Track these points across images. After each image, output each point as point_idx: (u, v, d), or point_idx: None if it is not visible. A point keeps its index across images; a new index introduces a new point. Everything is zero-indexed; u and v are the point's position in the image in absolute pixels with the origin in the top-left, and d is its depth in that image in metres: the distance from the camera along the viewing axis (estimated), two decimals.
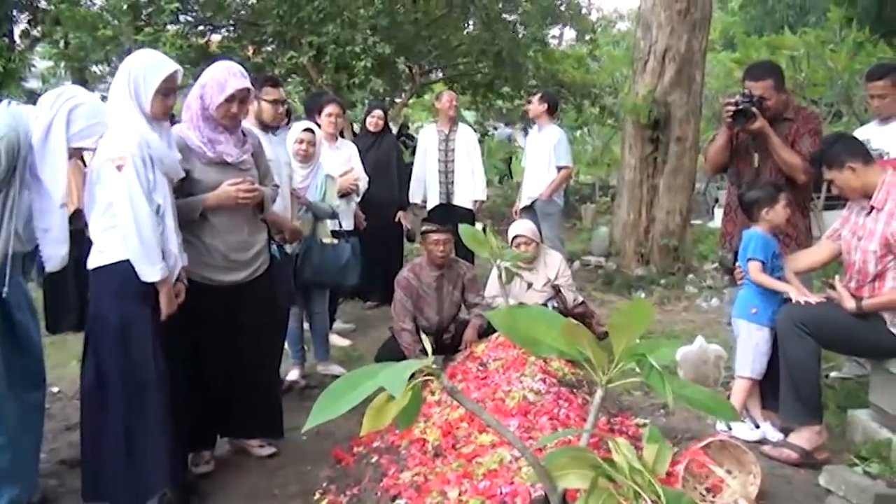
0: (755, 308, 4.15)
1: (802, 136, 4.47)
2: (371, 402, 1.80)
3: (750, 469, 3.39)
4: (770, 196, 4.19)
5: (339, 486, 3.59)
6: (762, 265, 4.12)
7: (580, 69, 14.44)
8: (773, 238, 4.20)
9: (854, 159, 3.88)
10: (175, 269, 3.39)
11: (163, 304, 3.33)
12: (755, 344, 4.13)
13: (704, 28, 8.41)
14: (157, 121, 3.38)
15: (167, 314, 3.35)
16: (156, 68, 3.35)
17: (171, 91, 3.40)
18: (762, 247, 4.14)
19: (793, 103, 4.75)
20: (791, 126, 4.51)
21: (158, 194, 3.31)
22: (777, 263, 4.18)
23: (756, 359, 4.13)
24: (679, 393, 1.83)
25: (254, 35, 11.79)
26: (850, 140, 4.04)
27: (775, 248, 4.19)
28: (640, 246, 8.61)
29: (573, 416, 3.67)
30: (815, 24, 12.11)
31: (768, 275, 4.12)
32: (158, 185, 3.32)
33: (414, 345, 4.95)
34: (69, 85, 3.98)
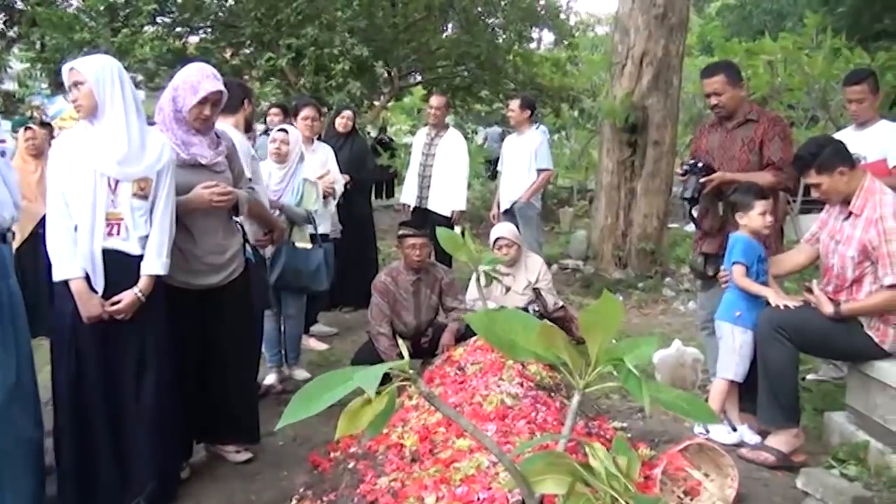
0: (739, 311, 4.15)
1: (772, 140, 4.45)
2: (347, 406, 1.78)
3: (727, 472, 3.39)
4: (746, 202, 4.19)
5: (315, 491, 3.56)
6: (746, 269, 4.12)
7: (558, 73, 14.48)
8: (758, 242, 4.19)
9: (844, 163, 3.88)
10: (89, 271, 3.29)
11: (79, 305, 3.28)
12: (738, 347, 4.13)
13: (681, 33, 8.44)
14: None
15: (86, 317, 3.28)
16: None
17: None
18: (745, 250, 4.14)
19: (755, 106, 4.75)
20: (756, 128, 4.50)
21: (72, 192, 3.28)
22: (762, 268, 4.17)
23: (739, 361, 4.13)
24: (656, 396, 1.81)
25: (232, 37, 11.76)
26: (839, 143, 4.04)
27: (761, 252, 4.18)
28: (617, 249, 8.63)
29: (551, 419, 3.65)
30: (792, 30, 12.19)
31: (753, 279, 4.12)
32: (74, 183, 3.29)
33: (391, 349, 4.93)
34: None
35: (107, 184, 3.28)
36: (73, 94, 3.33)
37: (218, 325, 3.86)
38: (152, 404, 3.44)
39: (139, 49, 10.15)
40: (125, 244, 3.34)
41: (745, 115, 4.56)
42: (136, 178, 3.32)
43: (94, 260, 3.28)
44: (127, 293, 3.32)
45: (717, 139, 4.64)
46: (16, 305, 3.44)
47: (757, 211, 4.15)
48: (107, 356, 3.37)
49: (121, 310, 3.32)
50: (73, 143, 3.32)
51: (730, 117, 4.59)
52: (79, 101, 3.31)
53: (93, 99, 3.29)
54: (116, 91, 3.32)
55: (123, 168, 3.29)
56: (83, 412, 3.36)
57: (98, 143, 3.28)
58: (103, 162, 3.26)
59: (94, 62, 3.36)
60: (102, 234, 3.28)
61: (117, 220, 3.31)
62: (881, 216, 3.74)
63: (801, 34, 10.17)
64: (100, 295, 3.29)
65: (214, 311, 3.82)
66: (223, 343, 3.90)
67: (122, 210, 3.32)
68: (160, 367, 3.47)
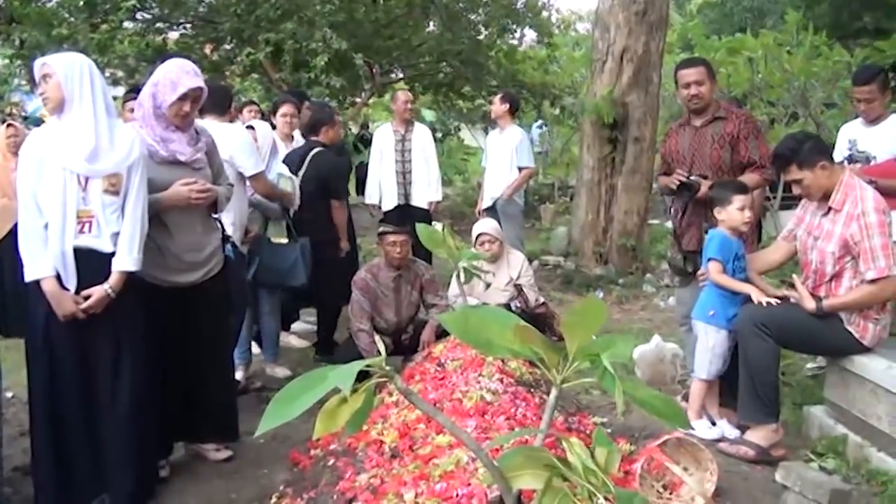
0: (713, 310, 4.16)
1: (748, 139, 4.45)
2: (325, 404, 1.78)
3: (707, 466, 3.40)
4: (723, 197, 4.18)
5: (295, 489, 3.56)
6: (722, 266, 4.12)
7: (539, 70, 14.49)
8: (735, 239, 4.18)
9: (825, 157, 3.89)
10: (59, 269, 3.27)
11: (52, 304, 3.26)
12: (712, 346, 4.15)
13: (662, 30, 8.47)
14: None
15: (61, 315, 3.26)
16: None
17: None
18: (721, 247, 4.13)
19: (722, 103, 4.74)
20: (726, 125, 4.50)
21: (42, 190, 3.26)
22: (739, 265, 4.16)
23: (713, 360, 4.14)
24: (632, 395, 1.82)
25: (211, 33, 11.69)
26: (817, 138, 4.05)
27: (738, 249, 4.17)
28: (598, 246, 8.65)
29: (530, 415, 3.66)
30: (773, 28, 12.24)
31: (729, 276, 4.12)
32: (44, 180, 3.26)
33: (371, 346, 4.92)
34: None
35: (76, 181, 3.24)
36: (41, 87, 3.32)
37: (196, 323, 3.84)
38: (128, 403, 3.41)
39: (119, 45, 10.07)
40: (97, 241, 3.31)
41: (713, 112, 4.56)
42: (105, 175, 3.29)
43: (65, 258, 3.25)
44: (96, 289, 3.29)
45: (686, 138, 4.63)
46: None
47: (735, 206, 4.13)
48: (81, 355, 3.34)
49: (91, 306, 3.28)
50: (41, 140, 3.30)
51: (699, 114, 4.59)
52: (46, 93, 3.30)
53: (60, 92, 3.27)
54: (85, 86, 3.29)
55: (92, 164, 3.26)
56: (58, 411, 3.34)
57: (65, 140, 3.26)
58: (71, 159, 3.23)
59: (64, 57, 3.35)
60: (74, 232, 3.25)
61: (88, 218, 3.28)
62: (863, 211, 3.76)
63: (781, 31, 10.23)
64: (72, 293, 3.27)
65: (193, 309, 3.80)
66: (202, 341, 3.88)
67: (94, 207, 3.29)
68: (136, 365, 3.44)
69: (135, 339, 3.46)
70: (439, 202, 7.83)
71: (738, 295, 4.11)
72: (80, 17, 10.49)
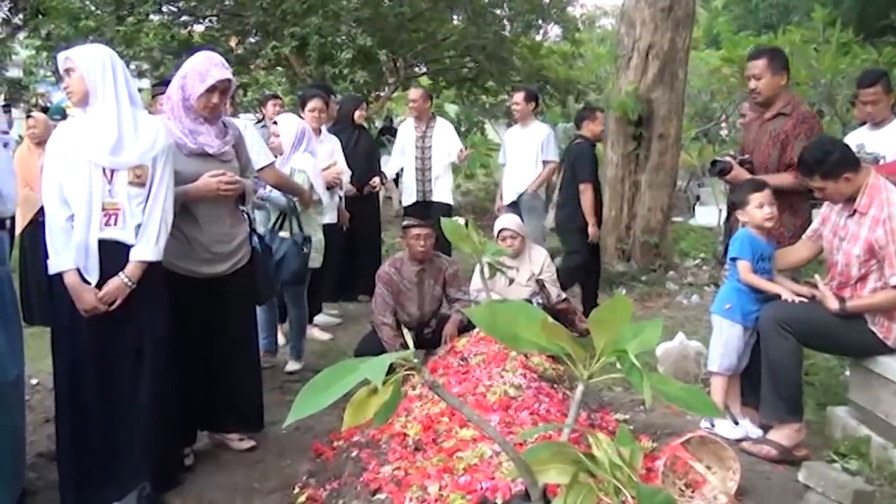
0: (729, 304, 4.15)
1: (797, 139, 4.38)
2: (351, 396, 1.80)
3: (729, 465, 3.39)
4: (741, 199, 4.15)
5: (318, 479, 3.58)
6: (751, 265, 4.07)
7: (564, 65, 14.45)
8: (762, 239, 4.13)
9: (850, 168, 3.83)
10: (81, 261, 3.28)
11: (73, 298, 3.27)
12: (726, 340, 4.13)
13: (688, 26, 8.41)
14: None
15: (82, 310, 3.27)
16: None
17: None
18: (744, 246, 4.09)
19: (794, 100, 4.65)
20: (785, 123, 4.45)
21: (68, 183, 3.26)
22: (764, 266, 4.12)
23: (725, 354, 4.12)
24: (658, 389, 1.82)
25: (237, 26, 11.74)
26: (844, 147, 3.99)
27: (764, 249, 4.12)
28: (621, 242, 8.61)
29: (554, 411, 3.67)
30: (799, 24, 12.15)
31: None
32: (69, 173, 3.27)
33: (394, 339, 4.94)
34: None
35: (101, 173, 3.25)
36: (65, 80, 3.34)
37: (222, 314, 3.88)
38: (151, 393, 3.44)
39: (145, 38, 10.14)
40: (122, 233, 3.31)
41: (780, 108, 4.50)
42: (131, 166, 3.30)
43: (88, 251, 3.26)
44: (113, 280, 3.29)
45: (754, 130, 4.63)
46: (14, 294, 3.46)
47: (753, 205, 4.10)
48: (105, 346, 3.36)
49: (107, 294, 3.29)
50: (67, 133, 3.31)
51: (767, 108, 4.55)
52: (70, 87, 3.32)
53: (84, 85, 3.28)
54: (108, 78, 3.30)
55: (116, 157, 3.27)
56: (82, 400, 3.37)
57: (90, 133, 3.27)
58: (95, 151, 3.24)
59: (86, 50, 3.36)
60: (99, 225, 3.26)
61: (115, 210, 3.29)
62: (889, 216, 3.72)
63: (808, 28, 10.15)
64: (94, 286, 3.28)
65: (219, 300, 3.84)
66: (227, 332, 3.92)
67: (120, 199, 3.29)
68: (159, 355, 3.46)
69: (158, 330, 3.48)
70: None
71: (760, 293, 4.09)
72: (106, 9, 10.57)
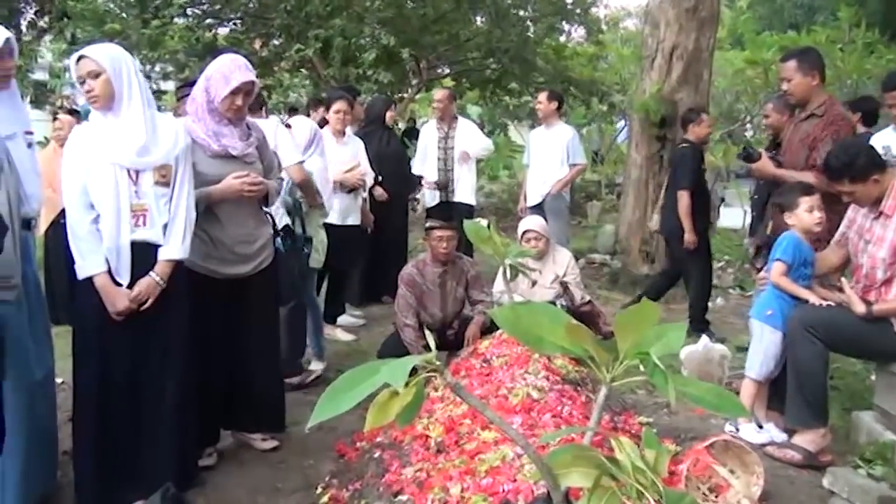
0: (771, 310, 4.09)
1: (823, 142, 4.38)
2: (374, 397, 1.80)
3: (753, 469, 3.37)
4: (790, 201, 4.11)
5: (341, 480, 3.59)
6: (787, 268, 4.04)
7: (588, 66, 14.42)
8: (808, 244, 4.09)
9: (878, 170, 3.81)
10: (112, 262, 3.28)
11: (104, 301, 3.27)
12: (766, 346, 4.09)
13: (712, 26, 8.36)
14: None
15: (113, 312, 3.27)
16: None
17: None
18: (789, 249, 4.04)
19: (829, 101, 4.61)
20: (816, 124, 4.45)
21: (93, 186, 3.24)
22: (804, 272, 4.07)
23: (764, 361, 4.09)
24: (683, 390, 1.81)
25: (261, 28, 11.80)
26: (870, 149, 3.96)
27: (808, 254, 4.07)
28: (645, 244, 8.56)
29: (577, 413, 3.65)
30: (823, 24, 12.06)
31: (792, 280, 4.04)
32: (94, 177, 3.25)
33: (417, 341, 4.94)
34: None
35: (128, 175, 3.25)
36: (88, 84, 3.25)
37: (245, 315, 3.90)
38: (175, 393, 3.46)
39: (169, 41, 10.21)
40: (151, 233, 3.32)
41: (813, 109, 4.51)
42: (156, 166, 3.32)
43: (120, 253, 3.26)
44: (143, 280, 3.30)
45: (791, 129, 4.67)
46: (40, 294, 3.49)
47: (803, 208, 4.06)
48: (133, 346, 3.37)
49: (139, 294, 3.30)
50: (86, 136, 3.29)
51: (802, 108, 4.57)
52: (95, 91, 3.25)
53: (110, 88, 3.25)
54: (133, 79, 3.30)
55: (143, 158, 3.28)
56: (106, 401, 3.36)
57: (115, 135, 3.26)
58: (120, 153, 3.24)
59: (107, 51, 3.32)
60: (129, 227, 3.27)
61: (142, 211, 3.29)
62: None
63: (833, 28, 10.07)
64: (125, 287, 3.29)
65: (243, 301, 3.86)
66: (250, 333, 3.94)
67: (147, 200, 3.30)
68: (183, 356, 3.49)
69: (182, 331, 3.50)
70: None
71: (797, 298, 4.03)
72: (131, 12, 10.66)
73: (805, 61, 4.55)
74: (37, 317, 3.39)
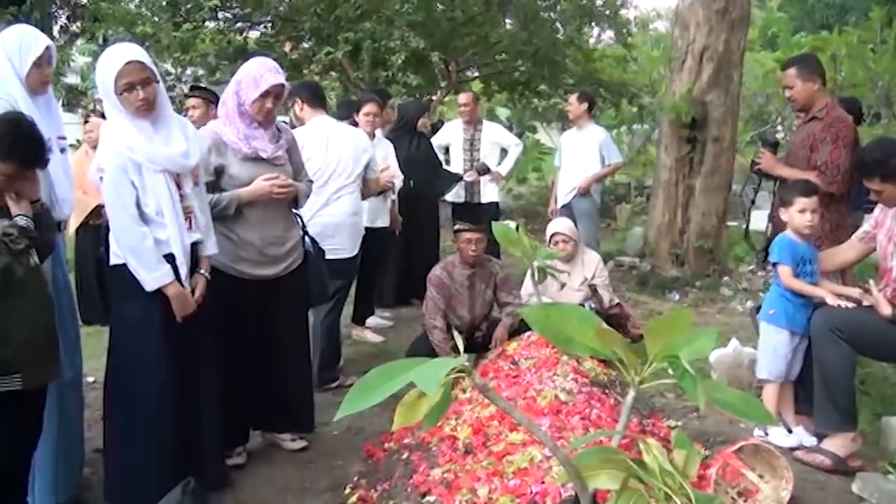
0: (773, 309, 4.10)
1: (822, 143, 4.43)
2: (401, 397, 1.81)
3: (782, 474, 3.35)
4: (788, 198, 4.10)
5: (369, 481, 3.61)
6: (791, 269, 4.02)
7: (618, 68, 14.37)
8: (804, 243, 4.08)
9: None
10: (180, 267, 3.30)
11: (174, 307, 3.28)
12: (772, 346, 4.08)
13: (743, 27, 8.31)
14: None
15: (181, 316, 3.30)
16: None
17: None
18: (784, 250, 4.05)
19: (830, 104, 4.63)
20: (815, 126, 4.50)
21: (150, 196, 3.21)
22: (808, 269, 4.06)
23: (773, 361, 4.07)
24: (711, 395, 1.81)
25: (291, 32, 11.85)
26: None
27: (804, 253, 4.06)
28: (674, 247, 8.52)
29: (605, 416, 3.65)
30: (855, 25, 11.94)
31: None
32: (148, 187, 3.21)
33: (445, 342, 4.95)
34: None
35: (174, 181, 3.28)
36: (139, 92, 3.15)
37: (275, 316, 3.93)
38: (213, 392, 3.53)
39: (200, 44, 10.28)
40: (197, 234, 3.39)
41: (815, 112, 4.55)
42: (192, 169, 3.37)
43: (185, 257, 3.30)
44: (199, 277, 3.40)
45: (797, 133, 4.68)
46: (71, 296, 3.53)
47: (797, 207, 4.03)
48: (184, 349, 3.39)
49: (202, 294, 3.39)
50: (130, 148, 3.19)
51: (805, 112, 4.63)
52: (148, 97, 3.18)
53: (158, 95, 3.24)
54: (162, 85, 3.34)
55: (186, 161, 3.32)
56: (148, 400, 3.37)
57: (161, 142, 3.26)
58: (171, 160, 3.26)
59: (145, 54, 3.26)
60: (187, 231, 3.32)
61: (189, 213, 3.34)
62: None
63: (865, 29, 9.97)
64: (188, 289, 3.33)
65: (272, 302, 3.89)
66: (280, 333, 3.97)
67: (190, 202, 3.35)
68: (216, 356, 3.55)
69: (216, 330, 3.56)
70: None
71: (806, 298, 4.02)
72: (162, 15, 10.75)
73: (804, 68, 4.62)
74: (66, 318, 3.43)
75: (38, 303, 2.86)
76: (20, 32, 3.30)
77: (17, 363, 2.74)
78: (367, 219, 5.91)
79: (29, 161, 2.79)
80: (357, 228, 5.22)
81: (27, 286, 2.75)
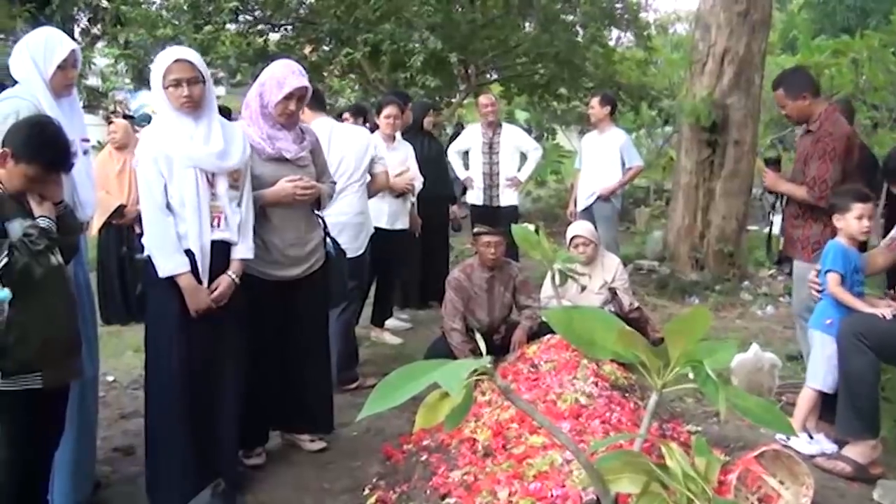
0: (830, 319, 4.02)
1: (812, 158, 4.48)
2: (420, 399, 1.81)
3: (803, 480, 3.33)
4: (843, 205, 4.04)
5: (388, 482, 3.61)
6: (840, 278, 3.97)
7: (637, 71, 14.33)
8: (854, 251, 4.03)
9: None
10: (199, 263, 3.34)
11: (187, 300, 3.32)
12: (828, 356, 4.00)
13: (764, 30, 8.28)
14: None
15: (194, 310, 3.34)
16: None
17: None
18: (839, 258, 3.98)
19: (822, 116, 4.58)
20: (808, 140, 4.56)
21: (175, 188, 3.29)
22: (857, 278, 4.01)
23: (829, 371, 4.00)
24: (733, 402, 1.80)
25: (311, 34, 11.90)
26: None
27: (857, 261, 4.02)
28: (694, 251, 8.49)
29: (625, 420, 3.64)
30: (876, 28, 11.86)
31: (846, 289, 3.97)
32: (176, 179, 3.29)
33: (463, 345, 4.96)
34: None
35: (206, 179, 3.34)
36: (186, 89, 3.28)
37: (296, 317, 3.94)
38: (237, 392, 3.55)
39: (221, 46, 10.35)
40: (226, 234, 3.42)
41: (810, 125, 4.59)
42: (230, 171, 3.41)
43: (203, 253, 3.34)
44: (223, 278, 3.41)
45: (797, 146, 4.71)
46: (91, 296, 3.56)
47: (854, 214, 3.99)
48: (204, 345, 3.42)
49: (221, 294, 3.40)
50: (166, 140, 3.32)
51: (803, 125, 4.69)
52: (194, 96, 3.29)
53: (204, 93, 3.34)
54: (212, 87, 3.41)
55: (221, 162, 3.37)
56: (184, 400, 3.39)
57: (197, 140, 3.33)
58: (205, 158, 3.32)
59: (198, 57, 3.38)
60: (209, 228, 3.36)
61: (219, 213, 3.39)
62: None
63: (886, 32, 9.90)
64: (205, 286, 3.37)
65: (293, 303, 3.90)
66: (300, 334, 3.98)
67: (222, 202, 3.39)
68: (241, 356, 3.58)
69: (242, 330, 3.60)
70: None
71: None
72: (183, 18, 10.81)
73: (791, 87, 4.63)
74: (87, 318, 3.46)
75: (60, 302, 2.89)
76: (45, 35, 3.34)
77: (37, 362, 2.77)
78: (387, 221, 5.92)
79: (54, 164, 2.83)
80: (363, 227, 5.19)
81: (48, 286, 2.77)
